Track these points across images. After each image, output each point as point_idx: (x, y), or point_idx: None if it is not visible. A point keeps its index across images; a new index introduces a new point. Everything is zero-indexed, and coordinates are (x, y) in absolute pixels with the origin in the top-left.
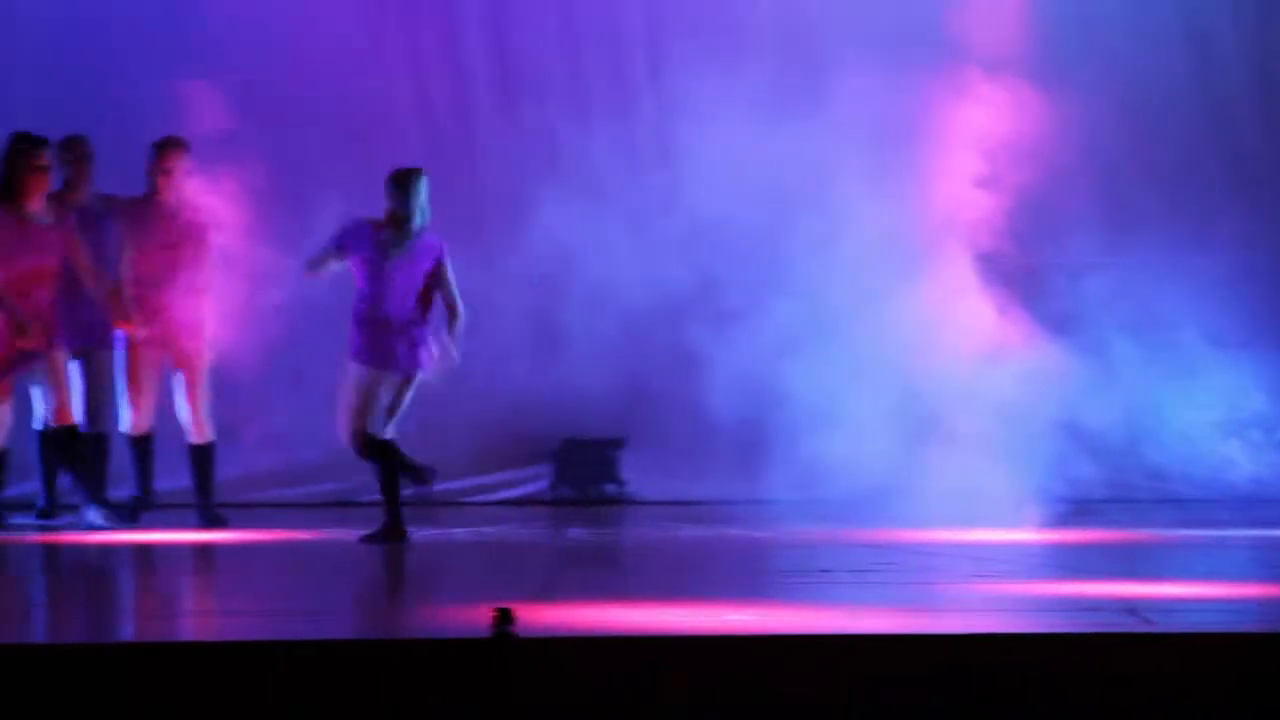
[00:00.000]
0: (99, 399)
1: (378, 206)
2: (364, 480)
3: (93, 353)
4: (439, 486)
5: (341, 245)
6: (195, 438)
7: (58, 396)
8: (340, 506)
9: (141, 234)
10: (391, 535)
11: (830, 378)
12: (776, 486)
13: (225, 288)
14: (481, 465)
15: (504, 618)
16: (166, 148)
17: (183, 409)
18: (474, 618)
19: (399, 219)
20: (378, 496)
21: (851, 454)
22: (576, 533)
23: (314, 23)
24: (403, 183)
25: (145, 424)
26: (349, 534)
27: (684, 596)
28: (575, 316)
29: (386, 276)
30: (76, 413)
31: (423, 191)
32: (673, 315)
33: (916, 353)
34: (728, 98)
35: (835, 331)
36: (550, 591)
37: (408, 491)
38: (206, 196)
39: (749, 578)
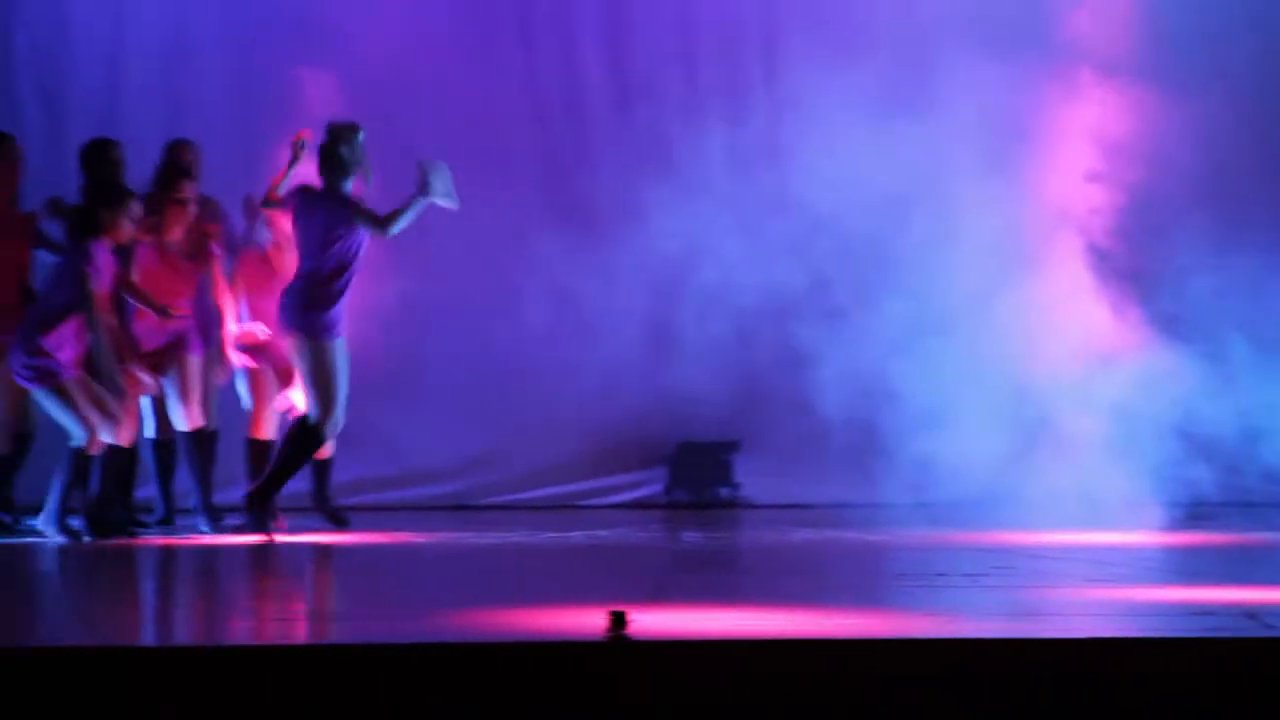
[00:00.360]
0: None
1: (487, 206)
2: (477, 482)
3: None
4: (556, 489)
5: None
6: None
7: (189, 400)
8: (456, 510)
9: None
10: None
11: (943, 378)
12: (890, 489)
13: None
14: (596, 468)
15: (619, 620)
16: None
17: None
18: (589, 620)
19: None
20: (493, 499)
21: (964, 455)
22: (691, 536)
23: (429, 21)
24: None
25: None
26: (463, 536)
27: (797, 600)
28: (689, 319)
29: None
30: (185, 420)
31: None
32: (785, 316)
33: (1028, 353)
34: (840, 97)
35: (947, 331)
36: (665, 594)
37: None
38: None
39: (863, 581)
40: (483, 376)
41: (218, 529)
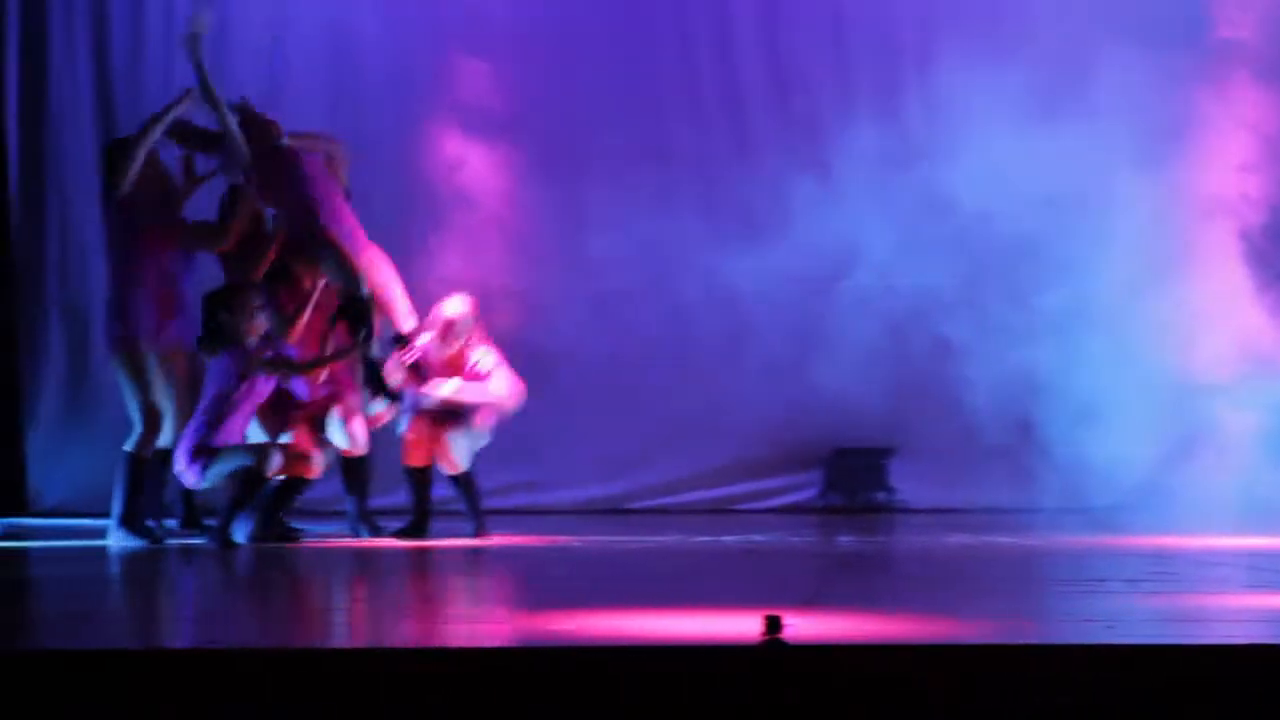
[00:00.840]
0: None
1: (641, 204)
2: (631, 486)
3: None
4: (710, 493)
5: None
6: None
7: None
8: (609, 514)
9: None
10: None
11: (1100, 380)
12: (1047, 493)
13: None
14: (751, 472)
15: (774, 624)
16: None
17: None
18: (744, 625)
19: None
20: (646, 502)
21: (1124, 457)
22: (846, 540)
23: (587, 12)
24: None
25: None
26: (617, 540)
27: (953, 605)
28: (843, 320)
29: None
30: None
31: None
32: (939, 317)
33: (1185, 353)
34: (992, 94)
35: (1105, 332)
36: (820, 599)
37: None
38: None
39: (1019, 586)
40: (636, 379)
41: (376, 534)
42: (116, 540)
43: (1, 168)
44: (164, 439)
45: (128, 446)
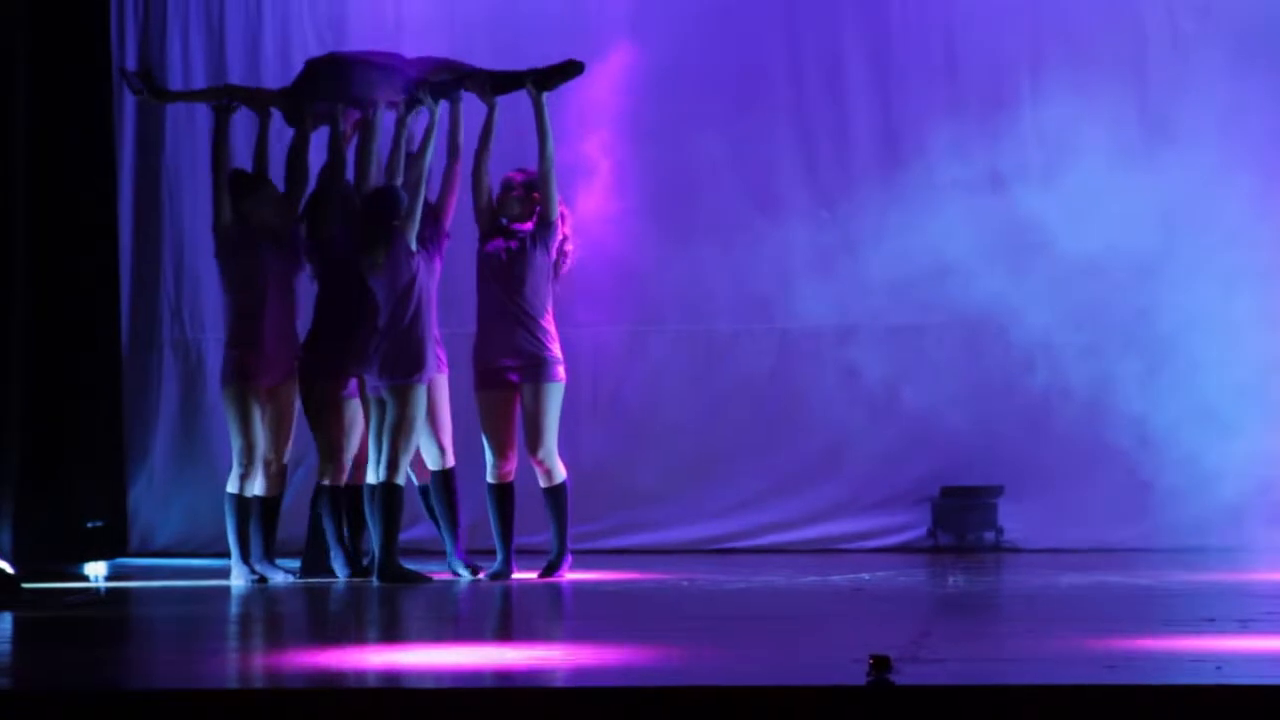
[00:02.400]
0: None
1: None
2: (739, 525)
3: None
4: (817, 532)
5: None
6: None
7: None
8: (718, 553)
9: None
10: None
11: (1214, 418)
12: (1159, 531)
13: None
14: (859, 511)
15: (881, 665)
16: None
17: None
18: (851, 665)
19: None
20: (754, 541)
21: (1231, 495)
22: (955, 580)
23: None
24: None
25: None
26: (724, 579)
27: (1062, 645)
28: (950, 358)
29: None
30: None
31: None
32: (1046, 354)
33: None
34: (1102, 127)
35: (1220, 370)
36: (929, 639)
37: None
38: None
39: (1130, 625)
40: (745, 418)
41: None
42: (236, 578)
43: (114, 205)
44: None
45: (229, 487)
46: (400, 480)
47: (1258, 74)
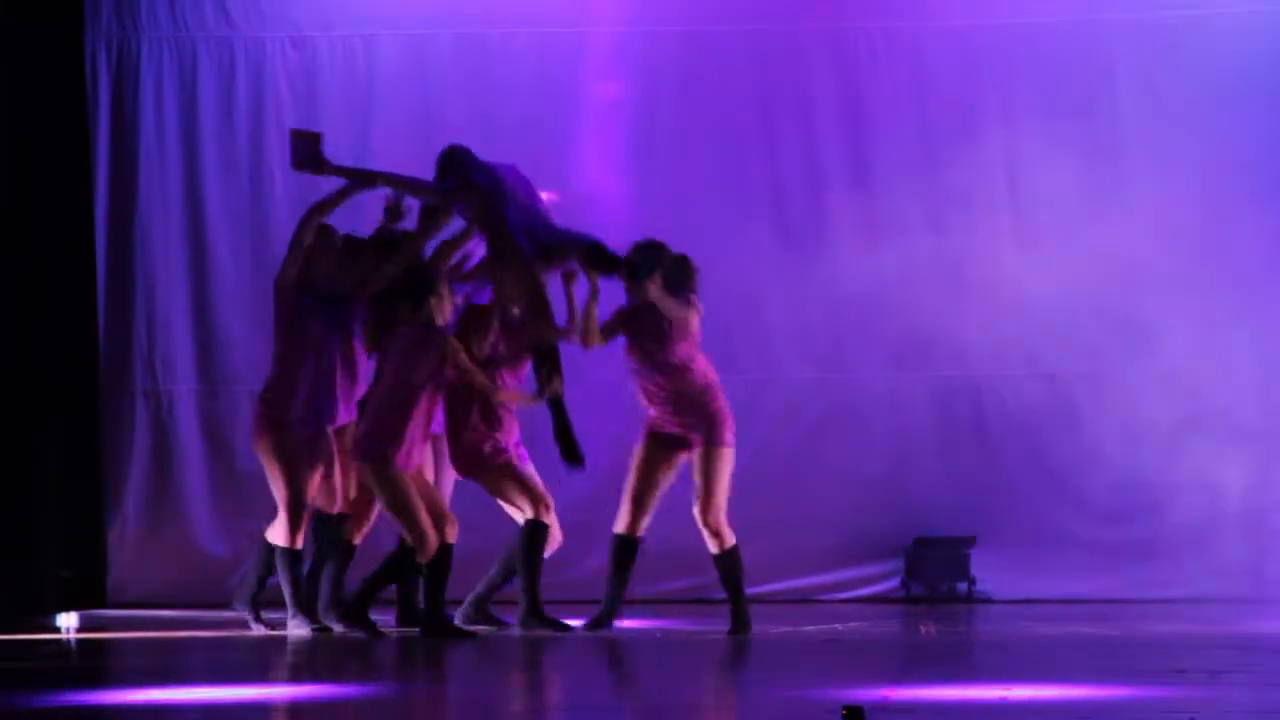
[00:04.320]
0: None
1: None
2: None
3: None
4: (791, 583)
5: None
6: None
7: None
8: (691, 603)
9: None
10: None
11: (1183, 467)
12: (1131, 583)
13: None
14: (833, 562)
15: (854, 715)
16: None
17: None
18: (824, 715)
19: None
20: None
21: (1213, 544)
22: (928, 630)
23: (669, 94)
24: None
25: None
26: (698, 627)
27: (1032, 693)
28: (922, 409)
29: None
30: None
31: None
32: (1018, 405)
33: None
34: (1078, 178)
35: (1205, 419)
36: (900, 688)
37: None
38: None
39: (1099, 675)
40: None
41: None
42: (294, 629)
43: (90, 254)
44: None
45: (273, 539)
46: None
47: (1228, 114)
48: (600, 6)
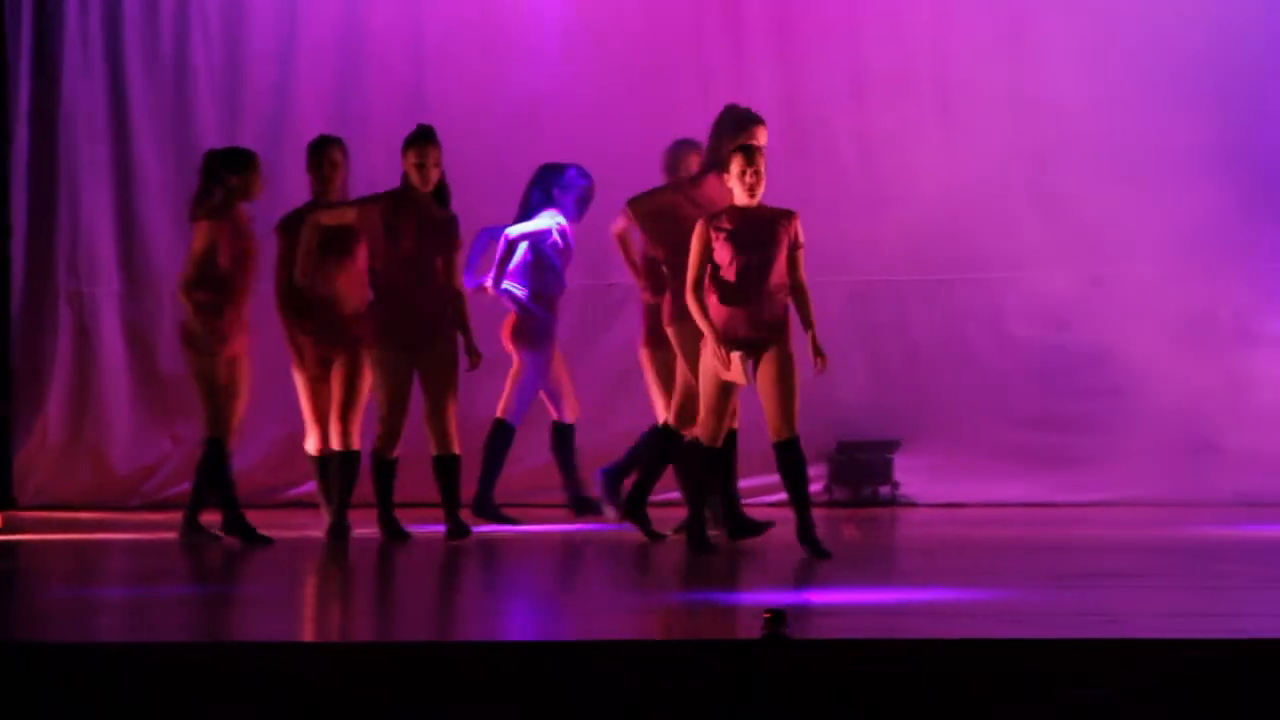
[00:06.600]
0: None
1: None
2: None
3: None
4: None
5: None
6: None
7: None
8: None
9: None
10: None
11: (1107, 365)
12: (1057, 487)
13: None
14: (754, 466)
15: (777, 619)
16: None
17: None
18: (747, 619)
19: None
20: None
21: (1139, 451)
22: (850, 535)
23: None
24: None
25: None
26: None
27: (954, 599)
28: (846, 314)
29: None
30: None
31: None
32: (942, 309)
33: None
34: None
35: (1118, 318)
36: (822, 593)
37: None
38: None
39: (1020, 580)
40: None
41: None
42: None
43: (8, 155)
44: None
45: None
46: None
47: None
48: None
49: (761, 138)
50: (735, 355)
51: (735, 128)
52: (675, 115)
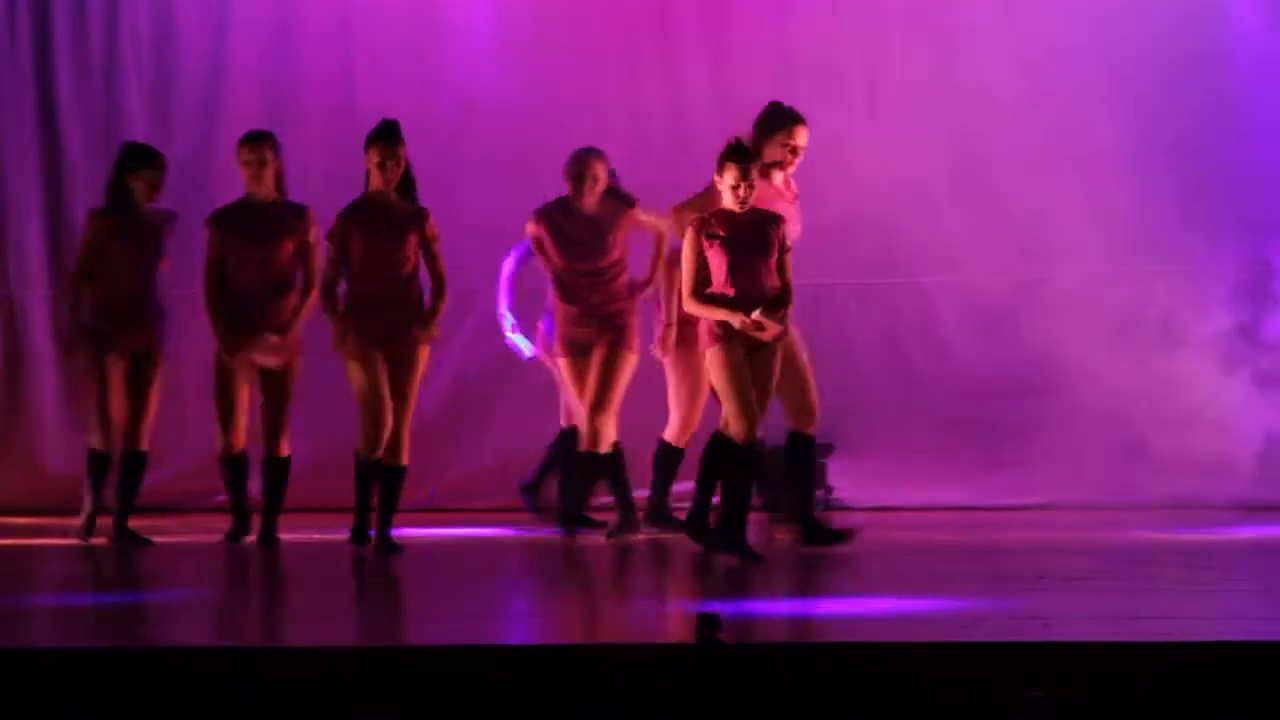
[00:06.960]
0: None
1: None
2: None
3: None
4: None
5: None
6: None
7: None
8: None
9: None
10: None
11: (1044, 370)
12: (990, 491)
13: None
14: (687, 470)
15: (710, 623)
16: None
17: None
18: (679, 624)
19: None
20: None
21: (1074, 454)
22: (781, 538)
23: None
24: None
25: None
26: (544, 535)
27: (891, 603)
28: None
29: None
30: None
31: None
32: (878, 312)
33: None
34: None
35: (1048, 322)
36: (756, 597)
37: None
38: None
39: (959, 584)
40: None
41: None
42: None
43: None
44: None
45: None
46: None
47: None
48: None
49: (801, 137)
50: (756, 312)
51: (774, 126)
52: (603, 106)
